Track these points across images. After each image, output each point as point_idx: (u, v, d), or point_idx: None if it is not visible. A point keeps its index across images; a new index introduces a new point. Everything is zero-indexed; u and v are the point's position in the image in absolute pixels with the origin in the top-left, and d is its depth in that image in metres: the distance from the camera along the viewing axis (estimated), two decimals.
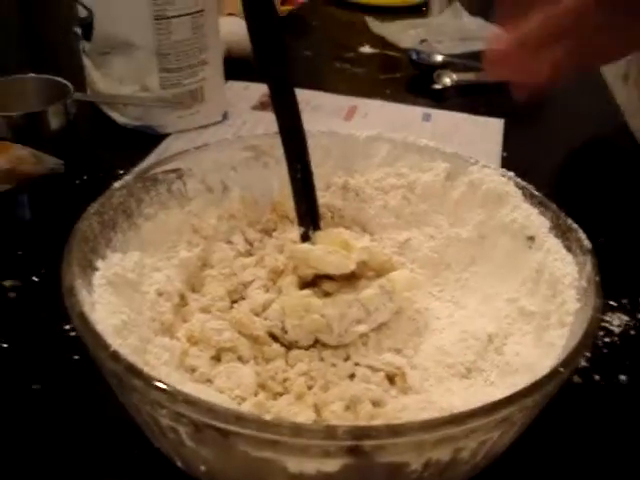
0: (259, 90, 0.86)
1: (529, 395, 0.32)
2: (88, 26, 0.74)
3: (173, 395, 0.31)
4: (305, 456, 0.31)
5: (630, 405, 0.49)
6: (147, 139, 0.76)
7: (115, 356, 0.32)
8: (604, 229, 0.68)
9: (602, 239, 0.65)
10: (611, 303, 0.58)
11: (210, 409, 0.30)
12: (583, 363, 0.51)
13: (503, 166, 0.74)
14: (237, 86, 0.87)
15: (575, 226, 0.43)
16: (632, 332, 0.56)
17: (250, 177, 0.51)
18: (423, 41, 1.11)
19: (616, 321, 0.57)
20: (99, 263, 0.41)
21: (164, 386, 0.31)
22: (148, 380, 0.31)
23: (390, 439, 0.30)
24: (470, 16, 1.23)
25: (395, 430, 0.30)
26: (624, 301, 0.59)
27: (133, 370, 0.32)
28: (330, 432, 0.30)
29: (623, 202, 0.75)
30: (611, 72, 0.96)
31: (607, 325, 0.56)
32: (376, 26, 1.19)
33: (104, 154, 0.75)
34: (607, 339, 0.54)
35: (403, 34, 1.15)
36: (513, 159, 0.78)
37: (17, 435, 0.43)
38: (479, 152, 0.77)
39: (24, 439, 0.42)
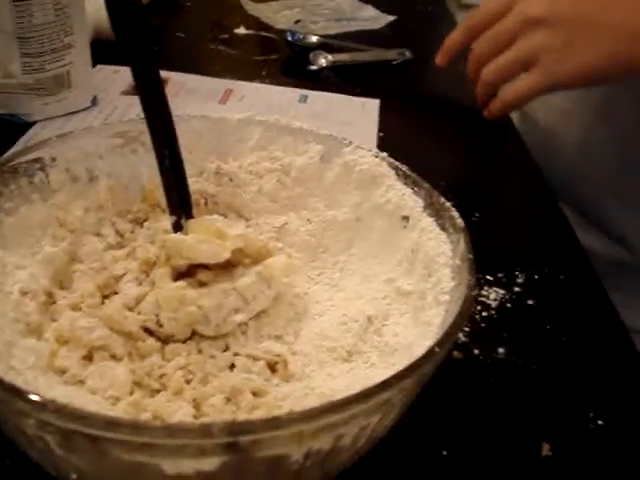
0: (129, 75, 0.82)
1: (407, 376, 0.32)
2: None
3: (37, 403, 0.29)
4: (181, 457, 0.29)
5: (509, 378, 0.50)
6: (12, 128, 0.73)
7: None
8: (479, 205, 0.70)
9: (477, 214, 0.67)
10: (487, 277, 0.60)
11: (77, 415, 0.28)
12: (462, 338, 0.52)
13: (380, 147, 0.76)
14: (107, 70, 0.84)
15: (448, 205, 0.44)
16: (508, 305, 0.57)
17: (118, 165, 0.49)
18: (298, 22, 1.10)
19: (493, 295, 0.58)
20: None
21: (30, 395, 0.29)
22: (10, 389, 0.29)
23: (268, 432, 0.29)
24: None
25: (272, 423, 0.29)
26: (500, 275, 0.60)
27: None
28: (205, 430, 0.29)
29: (496, 177, 0.77)
30: None
31: (484, 299, 0.57)
32: (250, 7, 1.18)
33: None
34: (485, 313, 0.56)
35: (278, 14, 1.14)
36: (390, 139, 0.79)
37: None
38: (356, 133, 0.78)
39: None
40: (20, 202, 0.44)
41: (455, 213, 0.43)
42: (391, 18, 1.18)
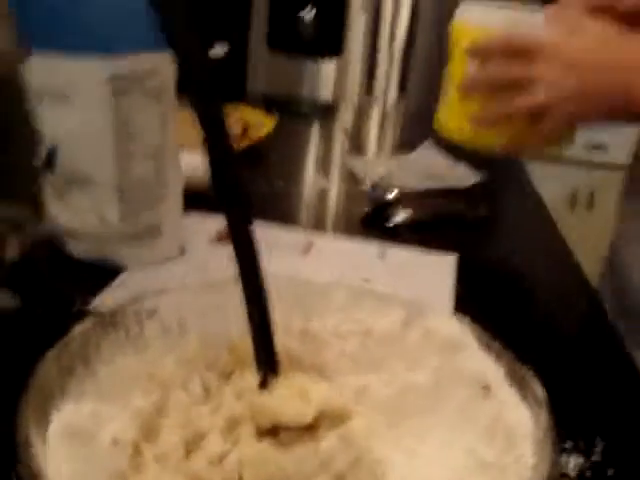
0: (216, 222, 0.86)
1: None
2: (51, 158, 0.75)
3: None
4: None
5: None
6: (104, 272, 0.76)
7: None
8: (559, 368, 0.69)
9: (555, 378, 0.67)
10: (566, 446, 0.58)
11: None
12: None
13: (457, 301, 0.77)
14: (194, 218, 0.87)
15: (530, 375, 0.44)
16: (588, 474, 0.56)
17: (209, 321, 0.51)
18: (385, 176, 1.14)
19: (572, 464, 0.57)
20: (54, 413, 0.40)
21: None
22: None
23: None
24: (441, 156, 1.27)
25: None
26: (579, 443, 0.59)
27: None
28: None
29: (574, 339, 0.77)
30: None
31: (563, 468, 0.56)
32: (348, 160, 1.22)
33: (61, 287, 0.74)
34: None
35: (371, 169, 1.18)
36: (466, 295, 0.80)
37: None
38: (433, 288, 0.79)
39: None
40: (116, 353, 0.47)
41: (537, 385, 0.43)
42: (479, 176, 1.20)
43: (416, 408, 0.50)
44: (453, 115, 0.88)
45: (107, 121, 0.70)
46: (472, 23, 0.85)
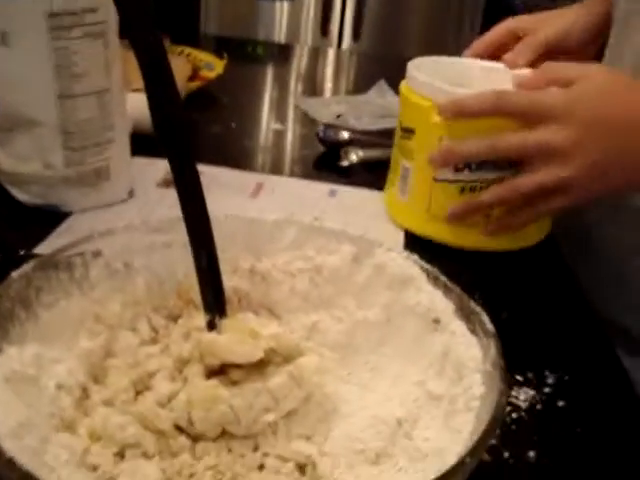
0: (164, 166, 0.84)
1: None
2: None
3: None
4: None
5: None
6: (50, 217, 0.75)
7: (10, 464, 0.31)
8: (507, 303, 0.70)
9: (505, 313, 0.67)
10: (517, 378, 0.59)
11: None
12: (492, 440, 0.52)
13: (407, 241, 0.77)
14: (141, 162, 0.86)
15: (479, 309, 0.44)
16: (538, 407, 0.57)
17: (155, 261, 0.50)
18: (339, 116, 1.13)
19: (522, 396, 0.58)
20: None
21: None
22: None
23: None
24: (395, 95, 1.26)
25: None
26: (530, 375, 0.60)
27: (28, 478, 0.30)
28: None
29: (525, 274, 0.77)
30: None
31: (514, 400, 0.57)
32: (301, 101, 1.21)
33: (5, 233, 0.72)
34: (514, 415, 0.55)
35: (325, 109, 1.17)
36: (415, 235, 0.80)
37: None
38: (383, 227, 0.79)
39: None
40: (60, 296, 0.45)
41: (486, 317, 0.44)
42: None
43: (367, 343, 0.50)
44: (414, 206, 0.79)
45: (47, 61, 0.68)
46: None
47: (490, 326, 0.43)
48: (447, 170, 0.74)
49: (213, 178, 0.83)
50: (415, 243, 0.78)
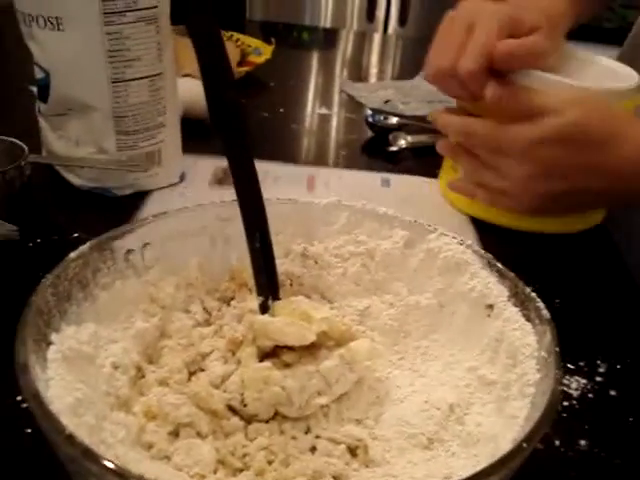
0: (213, 164, 0.85)
1: (493, 473, 0.32)
2: (44, 87, 0.73)
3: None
4: None
5: (591, 472, 0.49)
6: (103, 201, 0.76)
7: (70, 440, 0.31)
8: (561, 290, 0.69)
9: (558, 300, 0.67)
10: (569, 366, 0.59)
11: None
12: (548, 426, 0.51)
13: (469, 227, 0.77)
14: (188, 160, 0.84)
15: (533, 295, 0.44)
16: (590, 395, 0.56)
17: (209, 245, 0.51)
18: (387, 102, 1.12)
19: (574, 384, 0.57)
20: (53, 337, 0.39)
21: (120, 471, 0.30)
22: (104, 465, 0.30)
23: None
24: None
25: None
26: (581, 364, 0.59)
27: (89, 454, 0.31)
28: None
29: (578, 261, 0.76)
30: None
31: (565, 389, 0.56)
32: (348, 86, 1.20)
33: (60, 217, 0.74)
34: (566, 403, 0.55)
35: (373, 94, 1.16)
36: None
37: None
38: (443, 216, 0.79)
39: None
40: (115, 278, 0.46)
41: (541, 304, 0.43)
42: None
43: (419, 329, 0.50)
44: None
45: (100, 45, 0.69)
46: None
47: (545, 312, 0.42)
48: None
49: (264, 173, 0.83)
50: (481, 229, 0.78)
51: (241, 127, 0.43)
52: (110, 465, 0.30)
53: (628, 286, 0.73)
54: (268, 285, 0.46)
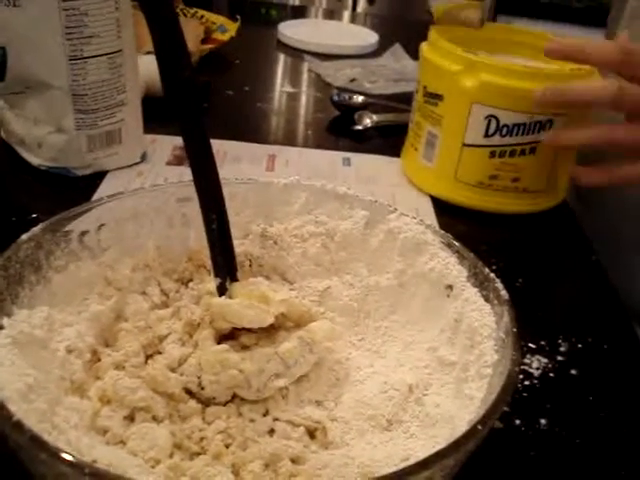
0: (173, 143, 0.84)
1: (449, 455, 0.32)
2: (1, 65, 0.71)
3: (79, 467, 0.29)
4: None
5: (550, 451, 0.49)
6: (63, 181, 0.74)
7: (18, 426, 0.30)
8: (522, 270, 0.69)
9: (520, 280, 0.67)
10: (530, 345, 0.59)
11: None
12: (504, 408, 0.52)
13: (430, 207, 0.76)
14: (149, 139, 0.84)
15: (492, 275, 0.44)
16: (551, 375, 0.56)
17: (166, 226, 0.50)
18: (353, 80, 1.12)
19: (535, 364, 0.57)
20: (4, 321, 0.39)
21: (70, 458, 0.29)
22: (52, 452, 0.30)
23: None
24: (410, 59, 1.24)
25: None
26: (543, 343, 0.59)
27: (36, 441, 0.30)
28: None
29: (541, 241, 0.77)
30: None
31: (526, 368, 0.56)
32: (315, 64, 1.20)
33: (18, 197, 0.72)
34: (527, 382, 0.55)
35: (339, 73, 1.16)
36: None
37: None
38: (410, 195, 0.79)
39: None
40: (70, 260, 0.45)
41: (499, 284, 0.43)
42: None
43: (379, 309, 0.50)
44: (441, 172, 0.79)
45: (57, 22, 0.67)
46: None
47: (504, 293, 0.42)
48: (477, 135, 0.74)
49: (224, 153, 0.83)
50: (441, 209, 0.78)
51: (197, 107, 0.42)
52: (59, 451, 0.30)
53: (590, 266, 0.73)
54: (226, 266, 0.45)
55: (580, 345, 0.60)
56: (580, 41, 0.68)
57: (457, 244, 0.47)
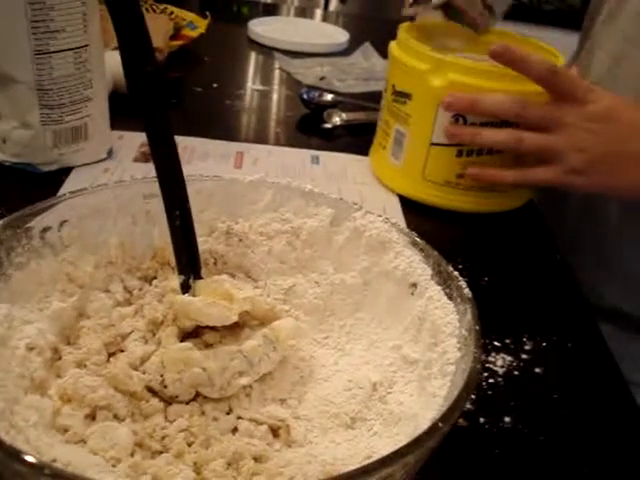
0: (139, 139, 0.84)
1: (409, 452, 0.32)
2: None
3: (37, 467, 0.29)
4: None
5: (515, 449, 0.50)
6: (28, 177, 0.73)
7: None
8: (488, 268, 0.70)
9: (486, 278, 0.67)
10: (495, 343, 0.59)
11: None
12: (468, 405, 0.52)
13: (397, 206, 0.76)
14: (115, 135, 0.83)
15: (456, 274, 0.44)
16: (516, 373, 0.57)
17: (129, 222, 0.50)
18: (322, 78, 1.12)
19: (500, 361, 0.58)
20: None
21: (28, 458, 0.29)
22: (7, 450, 0.29)
23: None
24: (380, 58, 1.25)
25: None
26: (507, 341, 0.60)
27: None
28: None
29: (506, 240, 0.77)
30: None
31: (491, 366, 0.57)
32: (284, 62, 1.19)
33: None
34: (491, 380, 0.55)
35: (309, 71, 1.15)
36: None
37: None
38: (377, 194, 0.79)
39: None
40: (31, 257, 0.44)
41: (463, 282, 0.43)
42: None
43: (344, 307, 0.50)
44: (409, 170, 0.79)
45: (22, 16, 0.66)
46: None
47: (467, 291, 0.42)
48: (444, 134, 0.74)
49: (192, 150, 0.82)
50: (409, 207, 0.79)
51: (161, 102, 0.42)
52: (14, 450, 0.29)
53: (556, 264, 0.74)
54: (189, 264, 0.45)
55: (545, 343, 0.61)
56: (523, 55, 0.70)
57: (422, 242, 0.47)
